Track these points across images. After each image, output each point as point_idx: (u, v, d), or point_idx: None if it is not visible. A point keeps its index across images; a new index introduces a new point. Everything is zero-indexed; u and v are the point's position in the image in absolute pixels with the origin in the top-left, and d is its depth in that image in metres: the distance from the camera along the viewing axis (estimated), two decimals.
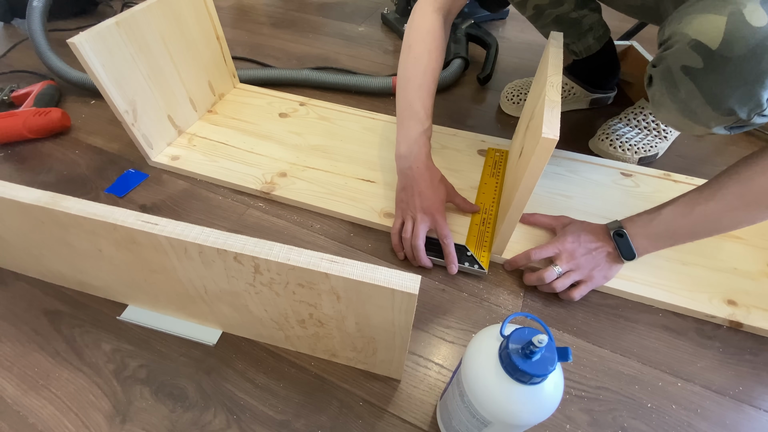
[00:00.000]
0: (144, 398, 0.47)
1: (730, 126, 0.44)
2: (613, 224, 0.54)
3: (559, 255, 0.54)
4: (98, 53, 0.59)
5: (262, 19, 1.27)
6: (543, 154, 0.42)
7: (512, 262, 0.58)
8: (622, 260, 0.53)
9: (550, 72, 0.48)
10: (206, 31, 0.76)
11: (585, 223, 0.57)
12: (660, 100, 0.48)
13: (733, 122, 0.43)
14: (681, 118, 0.47)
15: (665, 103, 0.48)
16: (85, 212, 0.37)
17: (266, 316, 0.44)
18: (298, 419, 0.46)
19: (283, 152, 0.75)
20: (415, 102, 0.58)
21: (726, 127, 0.45)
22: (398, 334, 0.38)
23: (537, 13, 0.73)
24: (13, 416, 0.46)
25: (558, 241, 0.55)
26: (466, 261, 0.58)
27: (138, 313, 0.54)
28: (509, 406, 0.31)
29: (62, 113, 0.80)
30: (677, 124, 0.50)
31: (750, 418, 0.46)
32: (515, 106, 0.87)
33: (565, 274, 0.54)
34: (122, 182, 0.71)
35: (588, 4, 0.72)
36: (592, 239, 0.54)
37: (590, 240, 0.54)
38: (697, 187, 0.49)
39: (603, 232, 0.55)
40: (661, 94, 0.47)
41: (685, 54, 0.41)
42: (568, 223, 0.58)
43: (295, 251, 0.33)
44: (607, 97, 0.88)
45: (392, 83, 0.90)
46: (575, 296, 0.54)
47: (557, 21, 0.72)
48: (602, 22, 0.75)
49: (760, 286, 0.56)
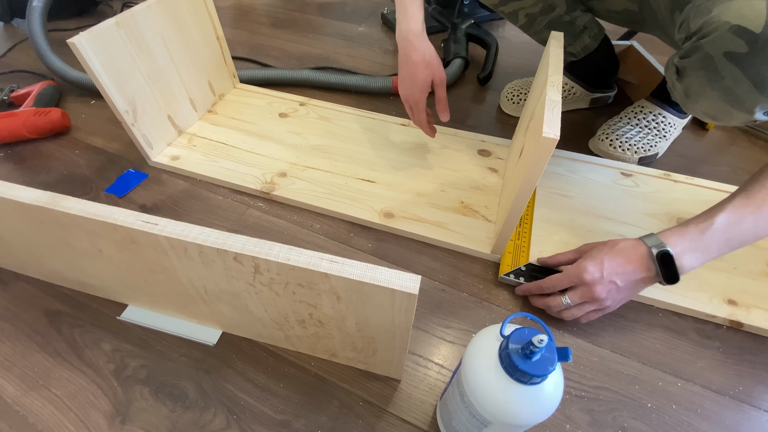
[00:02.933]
0: (144, 398, 0.47)
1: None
2: (653, 240, 0.46)
3: (575, 288, 0.49)
4: (98, 53, 0.59)
5: (262, 19, 1.27)
6: (543, 154, 0.42)
7: (524, 290, 0.55)
8: (662, 284, 0.46)
9: (551, 72, 0.48)
10: (206, 31, 0.76)
11: (610, 243, 0.49)
12: (699, 91, 0.47)
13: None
14: (723, 105, 0.46)
15: (705, 93, 0.47)
16: (85, 212, 0.37)
17: (266, 316, 0.44)
18: (298, 419, 0.46)
19: (283, 152, 0.75)
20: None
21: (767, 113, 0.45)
22: (398, 334, 0.38)
23: (529, 21, 0.73)
24: (13, 416, 0.46)
25: (574, 271, 0.49)
26: (512, 274, 0.56)
27: (138, 313, 0.54)
28: (509, 406, 0.31)
29: (62, 113, 0.80)
30: (717, 113, 0.48)
31: (750, 418, 0.46)
32: (515, 106, 0.87)
33: (578, 306, 0.49)
34: (122, 182, 0.71)
35: (579, 6, 0.72)
36: (621, 264, 0.47)
37: (618, 266, 0.47)
38: (740, 189, 0.46)
39: (638, 254, 0.47)
40: (700, 84, 0.47)
41: (728, 40, 0.41)
42: (588, 250, 0.51)
43: (295, 251, 0.33)
44: (607, 96, 0.88)
45: (392, 83, 0.90)
46: (581, 320, 0.51)
47: (550, 26, 0.72)
48: (595, 20, 0.75)
49: (760, 286, 0.56)
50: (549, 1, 0.69)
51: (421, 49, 0.60)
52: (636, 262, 0.46)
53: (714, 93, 0.46)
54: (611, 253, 0.48)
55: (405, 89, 0.64)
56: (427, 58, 0.61)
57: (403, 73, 0.63)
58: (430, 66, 0.61)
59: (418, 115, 0.65)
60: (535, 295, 0.54)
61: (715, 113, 0.49)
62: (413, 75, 0.61)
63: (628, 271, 0.47)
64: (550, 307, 0.51)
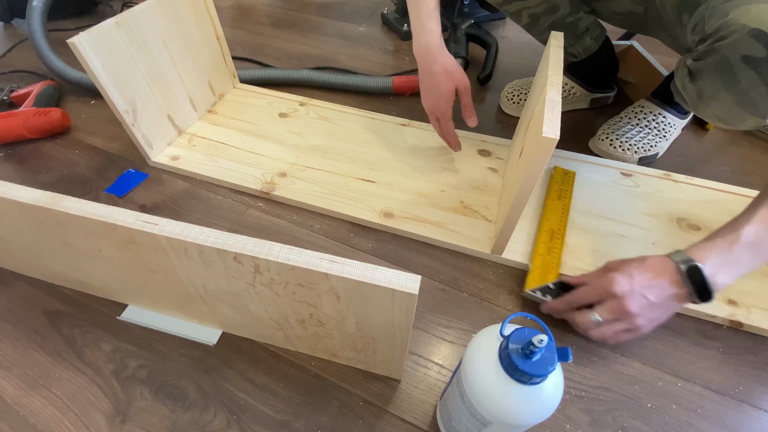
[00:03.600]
0: (144, 398, 0.47)
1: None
2: (679, 255, 0.44)
3: (603, 302, 0.45)
4: (98, 53, 0.59)
5: (262, 19, 1.27)
6: (543, 154, 0.42)
7: (550, 308, 0.51)
8: (695, 302, 0.43)
9: (551, 72, 0.48)
10: (206, 31, 0.76)
11: (638, 258, 0.46)
12: (712, 94, 0.47)
13: None
14: (736, 109, 0.46)
15: (719, 96, 0.46)
16: (85, 212, 0.37)
17: (266, 316, 0.44)
18: (298, 419, 0.46)
19: (283, 152, 0.75)
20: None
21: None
22: (398, 334, 0.38)
23: (532, 21, 0.73)
24: (13, 416, 0.46)
25: (600, 282, 0.46)
26: (539, 291, 0.53)
27: (138, 313, 0.54)
28: (509, 406, 0.31)
29: (62, 113, 0.80)
30: (729, 117, 0.48)
31: (750, 418, 0.46)
32: (515, 106, 0.87)
33: (608, 324, 0.45)
34: (122, 182, 0.71)
35: (582, 7, 0.72)
36: (652, 278, 0.44)
37: (649, 280, 0.44)
38: (763, 196, 0.44)
39: (668, 269, 0.44)
40: (715, 88, 0.46)
41: (746, 43, 0.41)
42: (615, 266, 0.47)
43: (295, 251, 0.33)
44: (607, 96, 0.88)
45: (392, 83, 0.90)
46: (610, 341, 0.46)
47: (553, 27, 0.72)
48: (597, 22, 0.75)
49: (760, 286, 0.56)
50: (553, 2, 0.69)
51: (441, 61, 0.60)
52: (667, 276, 0.43)
53: (729, 97, 0.46)
54: (641, 267, 0.45)
55: (430, 101, 0.64)
56: (449, 68, 0.60)
57: (426, 86, 0.63)
58: (453, 76, 0.61)
59: (446, 126, 0.65)
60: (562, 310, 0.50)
61: (728, 117, 0.48)
62: (437, 86, 0.61)
63: (660, 285, 0.43)
64: (577, 324, 0.48)
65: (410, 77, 0.92)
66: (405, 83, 0.91)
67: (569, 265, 0.58)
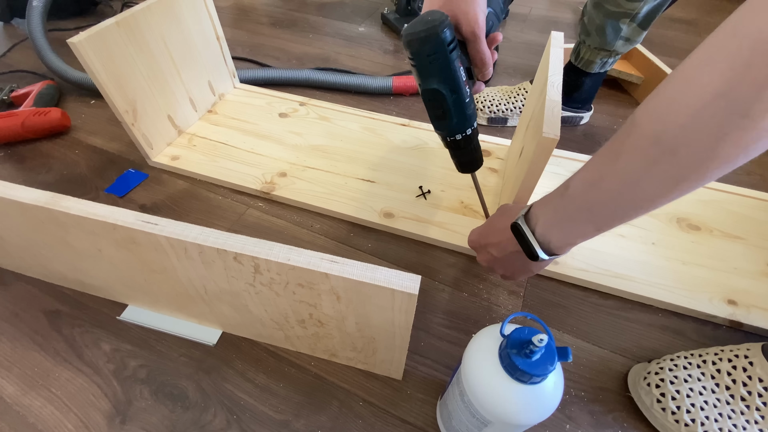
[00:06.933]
0: (144, 398, 0.47)
1: None
2: (522, 211, 0.40)
3: (476, 250, 0.49)
4: (98, 53, 0.59)
5: (262, 19, 1.27)
6: (543, 154, 0.42)
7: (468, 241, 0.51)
8: (538, 260, 0.38)
9: (551, 72, 0.48)
10: (206, 31, 0.76)
11: (500, 209, 0.47)
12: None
13: None
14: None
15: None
16: (85, 212, 0.37)
17: (266, 316, 0.44)
18: (298, 419, 0.46)
19: (283, 152, 0.75)
20: None
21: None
22: (398, 334, 0.38)
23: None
24: (13, 416, 0.46)
25: (471, 235, 0.49)
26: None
27: (138, 313, 0.54)
28: (509, 405, 0.31)
29: (62, 113, 0.80)
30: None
31: None
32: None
33: (489, 268, 0.48)
34: (122, 182, 0.71)
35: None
36: (490, 234, 0.45)
37: (489, 236, 0.45)
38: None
39: (503, 225, 0.42)
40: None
41: None
42: (495, 214, 0.48)
43: (295, 251, 0.33)
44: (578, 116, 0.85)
45: (392, 83, 0.90)
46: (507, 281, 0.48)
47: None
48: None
49: (760, 286, 0.56)
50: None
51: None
52: (500, 234, 0.42)
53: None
54: (490, 220, 0.47)
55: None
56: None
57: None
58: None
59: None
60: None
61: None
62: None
63: (499, 242, 0.42)
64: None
65: (410, 77, 0.92)
66: (405, 83, 0.91)
67: (569, 265, 0.58)
